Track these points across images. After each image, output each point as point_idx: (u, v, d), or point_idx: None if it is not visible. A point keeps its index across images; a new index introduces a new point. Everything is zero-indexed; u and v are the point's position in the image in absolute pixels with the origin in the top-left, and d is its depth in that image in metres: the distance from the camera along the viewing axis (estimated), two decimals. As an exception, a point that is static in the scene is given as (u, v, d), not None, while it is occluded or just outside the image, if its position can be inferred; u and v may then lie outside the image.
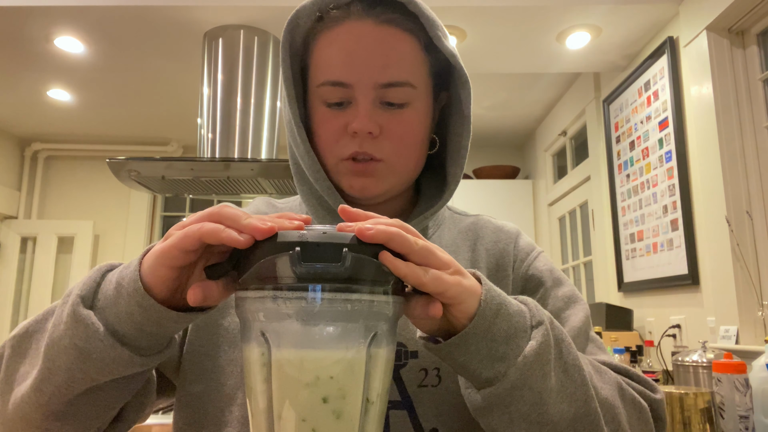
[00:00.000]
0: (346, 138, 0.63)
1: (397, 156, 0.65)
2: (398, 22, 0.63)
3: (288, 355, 0.43)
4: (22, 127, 4.31)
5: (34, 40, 2.58)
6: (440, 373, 0.63)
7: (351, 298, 0.43)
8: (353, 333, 0.44)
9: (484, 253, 0.72)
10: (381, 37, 0.62)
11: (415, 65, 0.64)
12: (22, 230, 4.47)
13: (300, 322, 0.43)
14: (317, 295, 0.43)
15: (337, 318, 0.43)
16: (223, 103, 2.44)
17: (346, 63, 0.62)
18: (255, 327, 0.45)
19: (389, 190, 0.67)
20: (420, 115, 0.66)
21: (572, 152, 3.69)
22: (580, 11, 2.36)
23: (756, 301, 1.97)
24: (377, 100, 0.63)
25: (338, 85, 0.62)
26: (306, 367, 0.43)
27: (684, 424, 1.46)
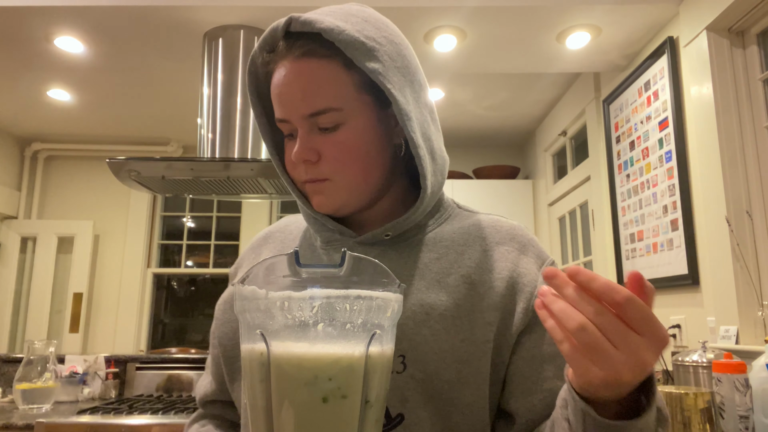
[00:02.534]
0: (300, 165, 0.70)
1: (340, 174, 0.69)
2: (314, 52, 0.67)
3: (287, 354, 0.43)
4: (22, 127, 4.31)
5: (34, 40, 2.58)
6: (405, 360, 0.65)
7: (350, 297, 0.43)
8: (352, 333, 0.44)
9: (479, 252, 0.72)
10: (298, 71, 0.67)
11: (337, 88, 0.67)
12: (22, 230, 4.47)
13: (299, 321, 0.43)
14: (316, 294, 0.43)
15: (336, 318, 0.43)
16: (223, 103, 2.44)
17: (280, 101, 0.69)
18: (254, 327, 0.45)
19: (347, 203, 0.72)
20: (356, 132, 0.69)
21: (572, 152, 3.69)
22: (580, 11, 2.36)
23: (756, 301, 1.97)
24: (313, 126, 0.68)
25: (282, 121, 0.70)
26: (305, 367, 0.43)
27: (684, 424, 1.46)
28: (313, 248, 0.78)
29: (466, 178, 4.20)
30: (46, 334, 4.33)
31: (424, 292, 0.68)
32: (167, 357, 2.52)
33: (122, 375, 2.49)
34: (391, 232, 0.73)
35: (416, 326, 0.66)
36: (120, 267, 4.53)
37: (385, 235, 0.73)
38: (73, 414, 1.99)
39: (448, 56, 2.74)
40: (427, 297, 0.68)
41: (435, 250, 0.72)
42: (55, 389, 2.16)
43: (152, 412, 1.98)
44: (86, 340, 4.40)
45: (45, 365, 2.16)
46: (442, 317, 0.66)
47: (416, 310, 0.67)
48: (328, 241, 0.76)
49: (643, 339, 0.44)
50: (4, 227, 4.43)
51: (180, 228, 4.82)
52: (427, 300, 0.67)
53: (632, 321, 0.44)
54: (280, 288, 0.44)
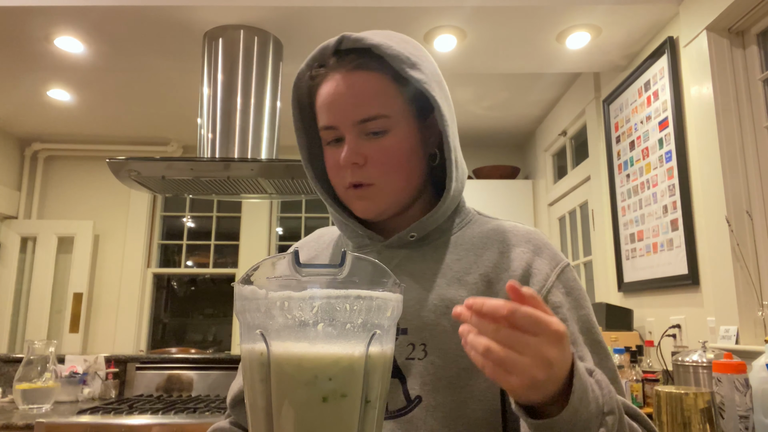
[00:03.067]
0: (344, 170, 0.76)
1: (384, 178, 0.76)
2: (364, 66, 0.75)
3: (287, 354, 0.43)
4: (22, 127, 4.31)
5: (34, 40, 2.58)
6: (426, 348, 0.72)
7: (350, 297, 0.43)
8: (352, 333, 0.44)
9: (496, 254, 0.78)
10: (351, 81, 0.75)
11: (386, 97, 0.75)
12: (22, 230, 4.47)
13: (299, 321, 0.43)
14: (316, 294, 0.43)
15: (336, 318, 0.43)
16: (223, 103, 2.44)
17: (330, 109, 0.75)
18: (254, 327, 0.45)
19: (389, 208, 0.78)
20: (400, 139, 0.76)
21: (572, 152, 3.69)
22: (580, 11, 2.36)
23: (756, 301, 1.97)
24: (361, 133, 0.75)
25: (329, 128, 0.76)
26: (305, 367, 0.43)
27: (684, 424, 1.46)
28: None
29: (467, 178, 4.19)
30: (46, 334, 4.33)
31: (445, 288, 0.75)
32: (167, 357, 2.53)
33: (122, 375, 2.49)
34: (415, 232, 0.79)
35: (437, 318, 0.73)
36: (120, 267, 4.52)
37: (410, 236, 0.79)
38: (73, 414, 1.99)
39: (448, 56, 2.74)
40: (447, 292, 0.75)
41: (456, 252, 0.79)
42: (55, 389, 2.16)
43: (152, 412, 1.98)
44: (86, 340, 4.40)
45: (45, 365, 2.16)
46: None
47: (437, 303, 0.74)
48: (359, 246, 0.83)
49: (539, 338, 0.50)
50: (4, 227, 4.43)
51: (180, 228, 4.82)
52: (448, 295, 0.74)
53: (524, 327, 0.50)
54: (280, 288, 0.44)
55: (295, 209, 4.81)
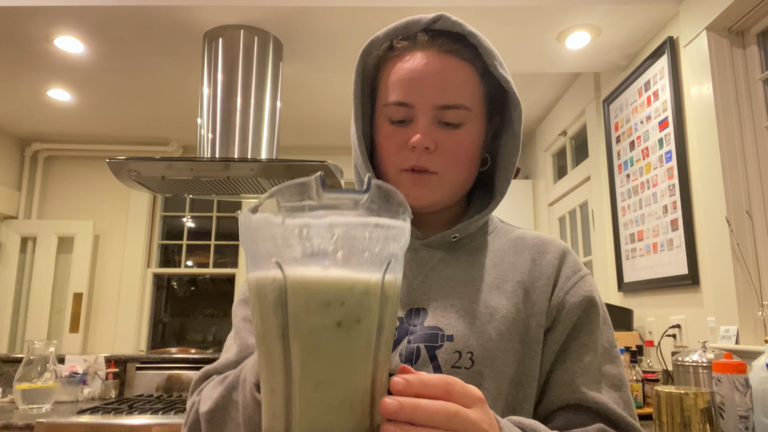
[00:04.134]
0: (406, 151, 0.72)
1: (449, 170, 0.73)
2: (458, 52, 0.72)
3: (303, 279, 0.42)
4: (22, 127, 4.31)
5: (34, 40, 2.58)
6: (473, 357, 0.68)
7: (369, 225, 0.43)
8: (370, 261, 0.43)
9: (529, 261, 0.77)
10: (442, 64, 0.71)
11: (471, 90, 0.73)
12: (22, 230, 4.47)
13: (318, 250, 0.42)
14: (337, 222, 0.42)
15: (355, 246, 0.42)
16: (223, 103, 2.44)
17: (410, 86, 0.71)
18: (267, 256, 0.43)
19: (440, 201, 0.75)
20: (473, 135, 0.74)
21: (572, 152, 3.69)
22: (580, 11, 2.36)
23: (756, 301, 1.97)
24: (435, 119, 0.72)
25: (402, 105, 0.72)
26: (321, 290, 0.42)
27: (684, 424, 1.46)
28: None
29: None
30: (46, 334, 4.33)
31: (486, 295, 0.73)
32: (167, 357, 2.53)
33: (122, 375, 2.49)
34: (459, 233, 0.77)
35: (482, 326, 0.70)
36: (120, 267, 4.52)
37: (453, 237, 0.77)
38: (73, 414, 1.99)
39: (448, 56, 2.73)
40: (490, 299, 0.72)
41: (490, 258, 0.77)
42: (55, 389, 2.17)
43: (152, 412, 1.98)
44: (86, 340, 4.40)
45: (45, 365, 2.16)
46: (505, 319, 0.71)
47: (482, 311, 0.71)
48: None
49: (439, 403, 0.45)
50: (4, 227, 4.43)
51: (180, 228, 4.82)
52: (491, 302, 0.72)
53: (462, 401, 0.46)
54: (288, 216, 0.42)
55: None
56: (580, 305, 0.73)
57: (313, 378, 0.43)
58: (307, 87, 3.50)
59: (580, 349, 0.71)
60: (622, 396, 0.70)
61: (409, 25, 0.74)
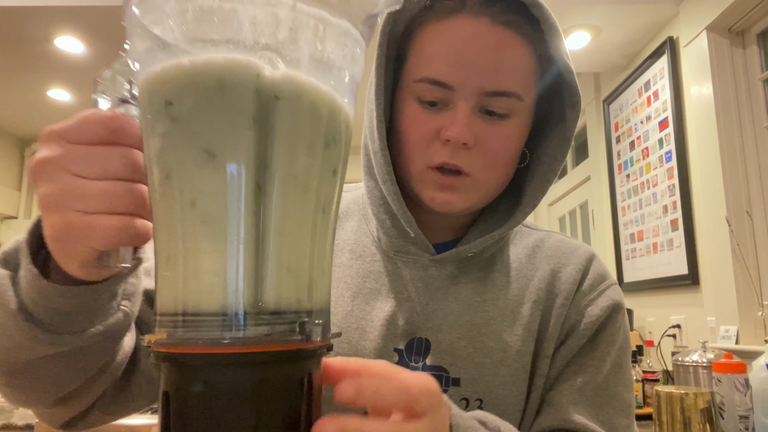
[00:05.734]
0: (437, 144, 0.58)
1: (486, 172, 0.60)
2: (517, 26, 0.57)
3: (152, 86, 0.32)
4: (22, 127, 4.31)
5: (34, 40, 2.58)
6: (482, 405, 0.59)
7: (323, 18, 0.33)
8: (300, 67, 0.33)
9: (549, 275, 0.66)
10: (496, 39, 0.56)
11: (526, 75, 0.59)
12: (22, 230, 4.47)
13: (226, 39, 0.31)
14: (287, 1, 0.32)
15: (283, 44, 0.32)
16: (223, 103, 2.44)
17: (454, 63, 0.56)
18: (160, 44, 0.32)
19: (472, 206, 0.62)
20: (520, 131, 0.61)
21: (572, 152, 3.69)
22: (580, 11, 2.36)
23: (756, 301, 1.97)
24: (477, 107, 0.58)
25: (439, 84, 0.57)
26: (172, 99, 0.32)
27: (684, 424, 1.46)
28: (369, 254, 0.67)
29: (466, 178, 4.20)
30: (46, 334, 4.33)
31: (500, 325, 0.62)
32: (167, 357, 2.52)
33: (122, 375, 2.49)
34: (476, 249, 0.64)
35: (494, 367, 0.60)
36: (120, 267, 4.52)
37: (470, 253, 0.65)
38: (73, 414, 1.98)
39: (448, 56, 2.73)
40: (503, 331, 0.62)
41: (504, 273, 0.66)
42: (55, 389, 2.16)
43: (152, 412, 1.98)
44: (86, 340, 4.40)
45: (45, 365, 2.16)
46: (519, 355, 0.61)
47: (494, 346, 0.61)
48: (397, 251, 0.65)
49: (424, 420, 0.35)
50: (4, 227, 4.43)
51: (180, 228, 4.82)
52: (504, 335, 0.62)
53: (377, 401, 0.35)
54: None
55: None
56: (594, 324, 0.63)
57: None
58: (307, 87, 3.50)
59: (581, 369, 0.62)
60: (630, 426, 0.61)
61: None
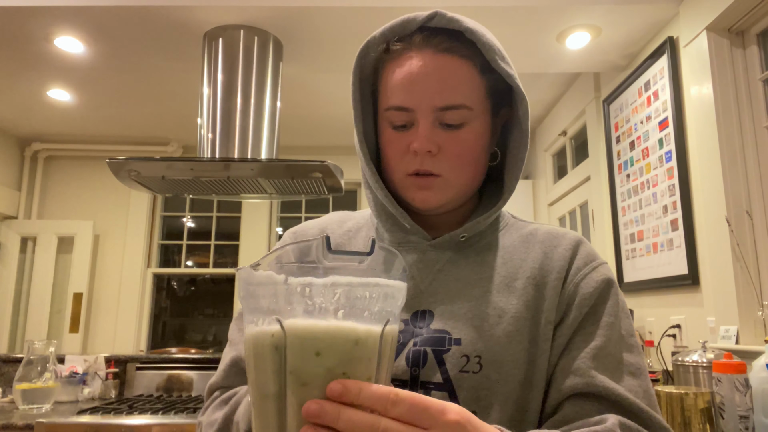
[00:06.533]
0: (409, 156, 0.71)
1: (454, 172, 0.72)
2: (455, 50, 0.70)
3: (304, 331, 0.43)
4: (22, 127, 4.31)
5: (34, 40, 2.58)
6: (481, 361, 0.67)
7: (369, 285, 0.44)
8: (369, 320, 0.44)
9: (541, 255, 0.75)
10: (439, 64, 0.69)
11: (471, 88, 0.71)
12: (22, 230, 4.47)
13: (319, 308, 0.43)
14: (339, 281, 0.43)
15: (355, 305, 0.43)
16: (223, 103, 2.44)
17: (408, 90, 0.69)
18: (268, 312, 0.44)
19: (448, 202, 0.74)
20: (476, 134, 0.72)
21: (572, 152, 3.69)
22: (580, 11, 2.36)
23: (756, 301, 1.97)
24: (436, 121, 0.70)
25: (401, 109, 0.70)
26: (320, 344, 0.43)
27: (684, 424, 1.46)
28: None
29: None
30: (46, 334, 4.33)
31: (495, 296, 0.71)
32: (167, 357, 2.53)
33: (122, 375, 2.49)
34: (467, 233, 0.75)
35: (491, 328, 0.69)
36: (120, 267, 4.52)
37: (461, 236, 0.75)
38: (73, 414, 1.99)
39: (448, 56, 2.73)
40: (499, 300, 0.71)
41: (500, 255, 0.76)
42: (55, 389, 2.17)
43: (152, 412, 1.98)
44: (86, 340, 4.40)
45: (45, 365, 2.16)
46: (514, 319, 0.69)
47: (490, 312, 0.70)
48: (399, 243, 0.77)
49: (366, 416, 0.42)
50: (4, 227, 4.43)
51: (180, 228, 4.82)
52: (500, 303, 0.70)
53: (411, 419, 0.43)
54: (289, 274, 0.43)
55: (295, 209, 4.81)
56: (592, 295, 0.70)
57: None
58: (307, 87, 3.50)
59: (589, 336, 0.68)
60: (642, 384, 0.66)
61: (405, 24, 0.71)
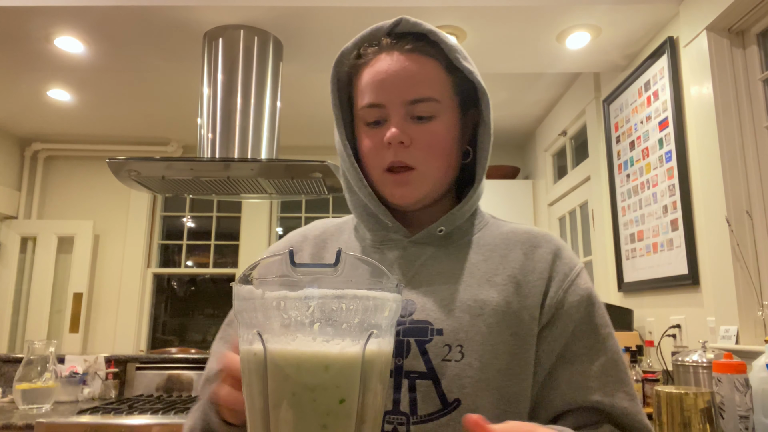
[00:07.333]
0: (383, 150, 0.74)
1: (427, 163, 0.75)
2: (421, 50, 0.76)
3: (282, 354, 0.43)
4: (22, 127, 4.31)
5: (34, 40, 2.58)
6: (463, 350, 0.70)
7: (346, 297, 0.43)
8: (348, 333, 0.44)
9: (521, 255, 0.78)
10: (407, 62, 0.75)
11: (438, 83, 0.76)
12: (22, 230, 4.47)
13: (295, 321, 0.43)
14: (312, 294, 0.43)
15: (332, 318, 0.43)
16: (223, 103, 2.44)
17: (379, 87, 0.74)
18: (251, 326, 0.45)
19: (425, 197, 0.77)
20: (446, 126, 0.76)
21: (572, 152, 3.69)
22: (580, 11, 2.36)
23: (756, 301, 1.97)
24: (407, 115, 0.74)
25: (374, 106, 0.75)
26: (301, 367, 0.43)
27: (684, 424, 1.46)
28: (363, 248, 0.81)
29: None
30: (46, 334, 4.33)
31: (476, 289, 0.74)
32: (167, 357, 2.53)
33: (122, 375, 2.49)
34: (444, 226, 0.78)
35: (472, 319, 0.72)
36: (120, 267, 4.52)
37: (439, 230, 0.78)
38: (73, 414, 1.99)
39: (448, 56, 2.73)
40: (479, 293, 0.74)
41: (481, 253, 0.79)
42: (55, 389, 2.17)
43: (152, 412, 1.98)
44: (86, 340, 4.40)
45: (45, 365, 2.16)
46: (495, 312, 0.73)
47: (471, 304, 0.73)
48: (381, 241, 0.80)
49: None
50: (4, 227, 4.43)
51: (180, 228, 4.81)
52: (481, 296, 0.74)
53: None
54: (278, 288, 0.44)
55: (295, 209, 4.81)
56: (580, 304, 0.74)
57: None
58: (307, 87, 3.50)
59: (589, 352, 0.72)
60: (637, 404, 0.72)
61: (374, 32, 0.78)
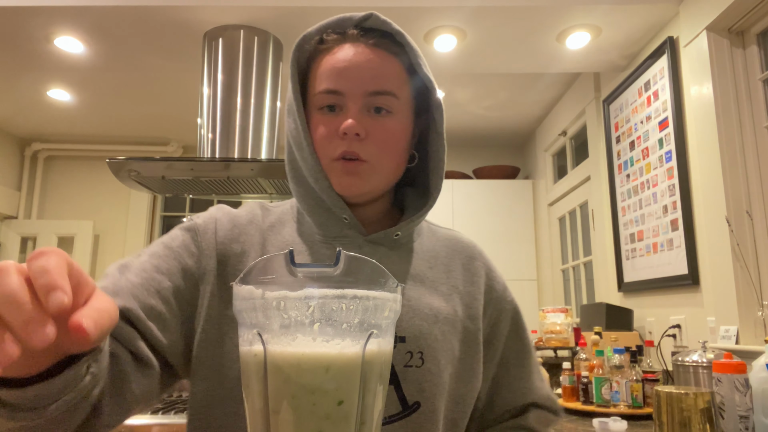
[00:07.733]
0: (337, 139, 0.72)
1: (379, 158, 0.74)
2: (386, 47, 0.76)
3: (282, 355, 0.43)
4: (22, 127, 4.31)
5: (34, 40, 2.58)
6: (424, 356, 0.73)
7: (346, 297, 0.43)
8: (349, 333, 0.44)
9: (460, 267, 0.83)
10: (372, 55, 0.74)
11: (399, 81, 0.76)
12: (22, 230, 4.47)
13: (295, 321, 0.43)
14: (312, 294, 0.43)
15: (332, 318, 0.43)
16: (223, 103, 2.44)
17: (340, 74, 0.73)
18: (251, 326, 0.45)
19: (372, 191, 0.76)
20: (401, 125, 0.76)
21: (572, 152, 3.69)
22: (580, 11, 2.36)
23: (756, 301, 1.97)
24: (365, 107, 0.73)
25: (332, 93, 0.73)
26: (301, 368, 0.43)
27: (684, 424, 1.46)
28: (311, 244, 0.77)
29: (466, 178, 4.20)
30: (46, 334, 4.32)
31: (428, 297, 0.77)
32: (167, 357, 2.52)
33: (122, 375, 2.48)
34: (401, 231, 0.79)
35: (429, 326, 0.75)
36: (120, 267, 4.52)
37: (395, 234, 0.79)
38: (73, 414, 1.98)
39: (448, 56, 2.74)
40: (432, 301, 0.77)
41: (425, 260, 0.81)
42: (55, 389, 2.16)
43: (152, 412, 1.98)
44: (86, 340, 4.40)
45: (45, 365, 2.15)
46: (447, 320, 0.77)
47: (427, 312, 0.76)
48: (334, 237, 0.78)
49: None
50: (4, 227, 4.43)
51: (180, 228, 4.81)
52: (434, 304, 0.77)
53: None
54: (278, 287, 0.44)
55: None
56: (511, 316, 0.84)
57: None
58: (307, 87, 3.50)
59: (520, 355, 0.83)
60: (547, 384, 0.87)
61: (340, 21, 0.77)
